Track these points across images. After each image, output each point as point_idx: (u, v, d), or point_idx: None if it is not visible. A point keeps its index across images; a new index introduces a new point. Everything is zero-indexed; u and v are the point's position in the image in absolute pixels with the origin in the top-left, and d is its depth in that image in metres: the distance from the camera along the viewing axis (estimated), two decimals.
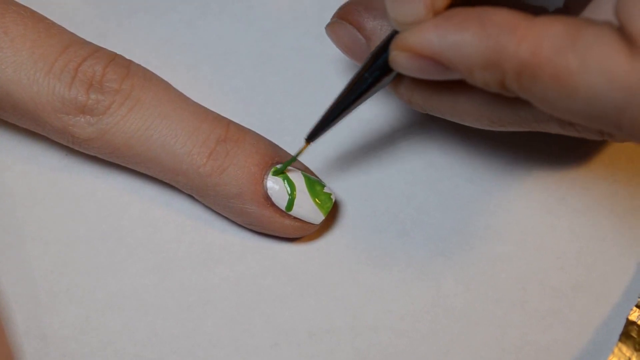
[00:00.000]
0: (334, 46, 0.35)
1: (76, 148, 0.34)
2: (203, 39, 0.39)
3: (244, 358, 0.34)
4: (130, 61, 0.34)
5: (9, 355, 0.32)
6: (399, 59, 0.27)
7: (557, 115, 0.26)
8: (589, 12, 0.27)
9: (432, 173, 0.37)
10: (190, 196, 0.36)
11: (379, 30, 0.31)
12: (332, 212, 0.36)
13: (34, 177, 0.36)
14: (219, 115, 0.35)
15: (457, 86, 0.29)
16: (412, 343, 0.34)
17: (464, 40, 0.25)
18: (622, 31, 0.23)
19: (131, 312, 0.34)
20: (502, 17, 0.25)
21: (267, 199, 0.34)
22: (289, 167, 0.34)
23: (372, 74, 0.30)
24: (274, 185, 0.34)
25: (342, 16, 0.32)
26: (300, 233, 0.35)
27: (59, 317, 0.34)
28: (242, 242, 0.36)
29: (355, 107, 0.31)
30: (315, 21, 0.40)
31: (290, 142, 0.36)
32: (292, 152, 0.35)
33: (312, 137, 0.33)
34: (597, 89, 0.23)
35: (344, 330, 0.35)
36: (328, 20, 0.36)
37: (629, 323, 0.34)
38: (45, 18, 0.34)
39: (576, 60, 0.23)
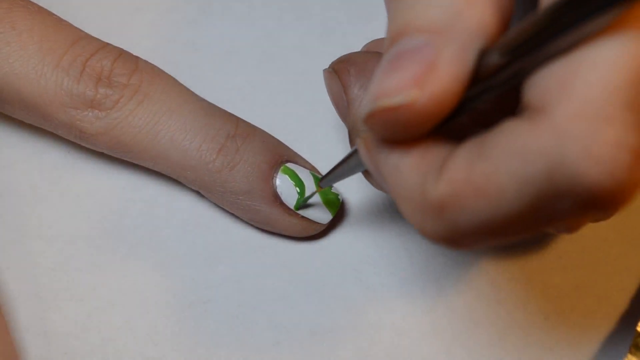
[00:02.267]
0: (336, 46, 0.35)
1: (83, 144, 0.34)
2: (205, 38, 0.39)
3: (246, 356, 0.34)
4: (137, 57, 0.34)
5: (12, 352, 0.32)
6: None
7: (497, 229, 0.23)
8: None
9: None
10: (194, 194, 0.36)
11: (358, 102, 0.31)
12: (337, 212, 0.36)
13: (36, 174, 0.36)
14: (227, 111, 0.35)
15: None
16: (413, 342, 0.35)
17: (401, 169, 0.24)
18: (521, 115, 0.22)
19: (133, 309, 0.34)
20: (436, 151, 0.24)
21: (277, 197, 0.34)
22: (298, 167, 0.34)
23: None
24: (283, 184, 0.34)
25: (335, 69, 0.32)
26: (307, 232, 0.35)
27: (61, 314, 0.34)
28: (245, 241, 0.36)
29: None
30: (317, 21, 0.40)
31: (293, 141, 0.36)
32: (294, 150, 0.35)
33: (322, 181, 0.33)
34: (521, 174, 0.22)
35: (346, 329, 0.35)
36: (330, 19, 0.37)
37: (638, 334, 0.34)
38: (53, 13, 0.34)
39: (488, 163, 0.22)
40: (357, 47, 0.34)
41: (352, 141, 0.31)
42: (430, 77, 0.22)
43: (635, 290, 0.36)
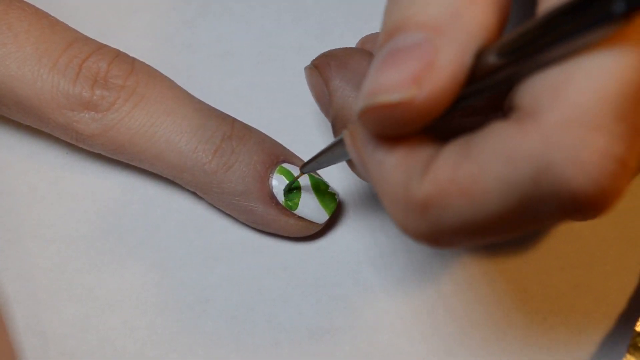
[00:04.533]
0: (333, 47, 0.35)
1: (80, 145, 0.34)
2: (202, 39, 0.39)
3: (245, 357, 0.34)
4: (134, 58, 0.34)
5: (10, 353, 0.32)
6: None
7: (479, 229, 0.23)
8: None
9: None
10: (192, 194, 0.36)
11: (340, 92, 0.31)
12: (334, 212, 0.36)
13: (34, 175, 0.36)
14: (223, 112, 0.35)
15: None
16: (412, 343, 0.35)
17: (385, 165, 0.24)
18: (509, 117, 0.23)
19: (131, 310, 0.34)
20: (424, 150, 0.24)
21: (273, 197, 0.34)
22: (294, 167, 0.34)
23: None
24: (280, 184, 0.34)
25: (316, 64, 0.32)
26: (304, 232, 0.35)
27: (59, 315, 0.34)
28: (243, 241, 0.36)
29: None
30: (315, 21, 0.40)
31: (290, 142, 0.36)
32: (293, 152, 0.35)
33: (303, 167, 0.33)
34: (507, 177, 0.22)
35: (344, 329, 0.35)
36: (328, 20, 0.36)
37: (637, 334, 0.34)
38: (49, 15, 0.34)
39: (474, 164, 0.22)
40: None
41: (335, 132, 0.31)
42: (428, 75, 0.22)
43: (633, 290, 0.36)
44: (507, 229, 0.23)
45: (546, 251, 0.36)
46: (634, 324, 0.35)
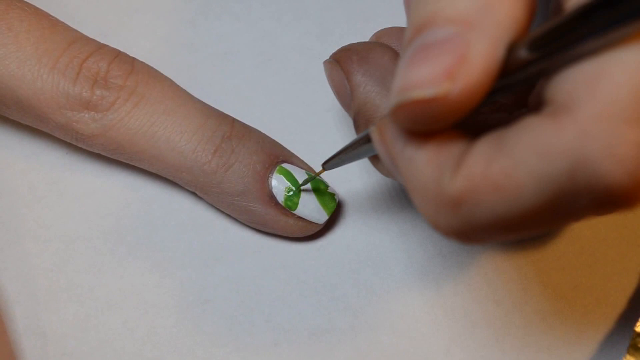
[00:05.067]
0: (334, 47, 0.35)
1: (80, 145, 0.34)
2: (203, 39, 0.39)
3: (244, 357, 0.34)
4: (134, 58, 0.34)
5: (10, 353, 0.32)
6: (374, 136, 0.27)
7: (512, 224, 0.23)
8: None
9: None
10: (191, 195, 0.36)
11: (362, 87, 0.31)
12: (333, 212, 0.36)
13: (34, 175, 0.36)
14: (223, 112, 0.35)
15: None
16: (412, 343, 0.35)
17: (416, 161, 0.24)
18: (543, 112, 0.22)
19: (131, 310, 0.34)
20: (454, 146, 0.24)
21: (272, 197, 0.34)
22: (293, 167, 0.34)
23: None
24: (279, 184, 0.34)
25: (336, 58, 0.32)
26: (303, 232, 0.35)
27: (59, 315, 0.34)
28: (243, 242, 0.36)
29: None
30: (316, 21, 0.40)
31: (291, 141, 0.36)
32: (292, 152, 0.35)
33: (326, 164, 0.32)
34: (542, 172, 0.22)
35: (344, 329, 0.35)
36: (328, 19, 0.36)
37: (636, 335, 0.34)
38: (49, 15, 0.34)
39: (508, 159, 0.22)
40: None
41: (357, 127, 0.31)
42: (462, 70, 0.22)
43: (633, 291, 0.36)
44: (540, 223, 0.23)
45: (546, 251, 0.36)
46: (633, 324, 0.34)
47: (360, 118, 0.31)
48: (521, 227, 0.23)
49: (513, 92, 0.23)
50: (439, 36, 0.22)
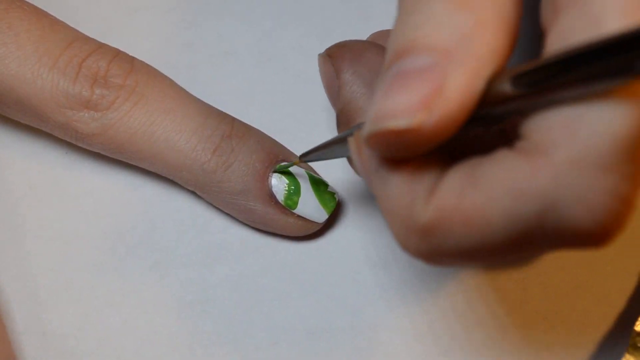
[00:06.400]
0: None
1: (79, 144, 0.34)
2: (203, 38, 0.39)
3: (244, 357, 0.34)
4: (133, 57, 0.34)
5: (10, 353, 0.32)
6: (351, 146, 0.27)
7: (478, 254, 0.23)
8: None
9: None
10: (191, 194, 0.36)
11: (349, 86, 0.30)
12: (333, 212, 0.36)
13: (34, 174, 0.36)
14: (223, 112, 0.35)
15: None
16: (411, 342, 0.35)
17: (390, 184, 0.24)
18: (518, 148, 0.22)
19: (130, 309, 0.34)
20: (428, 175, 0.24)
21: (272, 196, 0.34)
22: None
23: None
24: (279, 183, 0.34)
25: (330, 54, 0.31)
26: (303, 232, 0.35)
27: (59, 314, 0.34)
28: (242, 241, 0.36)
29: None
30: (316, 21, 0.40)
31: (290, 141, 0.36)
32: (292, 152, 0.35)
33: (304, 156, 0.32)
34: (512, 211, 0.22)
35: (344, 329, 0.35)
36: (328, 19, 0.36)
37: (636, 334, 0.34)
38: (49, 14, 0.34)
39: (480, 195, 0.22)
40: None
41: (339, 125, 0.31)
42: (438, 101, 0.21)
43: (633, 291, 0.36)
44: (504, 255, 0.23)
45: None
46: (633, 324, 0.34)
47: (342, 116, 0.31)
48: (486, 257, 0.24)
49: (490, 124, 0.23)
50: (417, 64, 0.22)
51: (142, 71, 0.34)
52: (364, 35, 0.35)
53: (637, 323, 0.34)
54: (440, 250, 0.23)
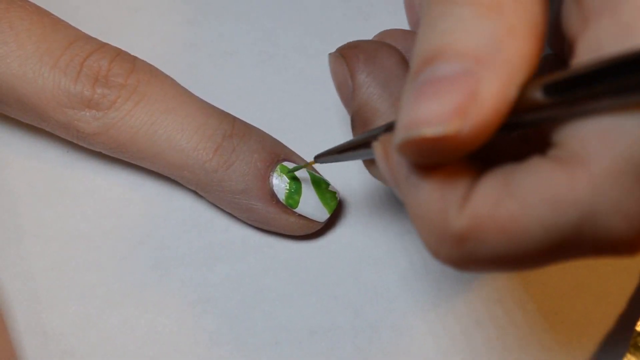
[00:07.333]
0: (335, 46, 0.35)
1: (81, 143, 0.34)
2: (204, 38, 0.39)
3: (245, 356, 0.34)
4: (135, 57, 0.34)
5: (11, 352, 0.32)
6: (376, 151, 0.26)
7: (511, 262, 0.23)
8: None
9: None
10: (192, 193, 0.36)
11: (365, 88, 0.30)
12: (335, 211, 0.36)
13: (34, 173, 0.36)
14: (224, 111, 0.35)
15: None
16: (413, 342, 0.35)
17: (421, 191, 0.24)
18: (553, 156, 0.22)
19: (131, 309, 0.34)
20: (460, 180, 0.23)
21: (273, 195, 0.34)
22: (294, 166, 0.34)
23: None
24: (280, 183, 0.34)
25: (343, 54, 0.31)
26: (304, 231, 0.35)
27: (59, 314, 0.34)
28: (244, 241, 0.36)
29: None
30: (316, 20, 0.40)
31: (291, 140, 0.36)
32: (293, 151, 0.35)
33: (318, 158, 0.32)
34: (549, 220, 0.21)
35: (345, 328, 0.35)
36: (329, 19, 0.36)
37: (637, 334, 0.34)
38: (51, 13, 0.34)
39: (516, 203, 0.22)
40: None
41: (354, 127, 0.31)
42: (472, 108, 0.21)
43: (634, 290, 0.36)
44: (537, 263, 0.23)
45: None
46: (634, 324, 0.35)
47: (358, 118, 0.30)
48: (519, 265, 0.23)
49: (522, 131, 0.23)
50: (449, 71, 0.22)
51: (143, 70, 0.34)
52: (364, 35, 0.35)
53: (638, 323, 0.34)
54: (473, 258, 0.23)
